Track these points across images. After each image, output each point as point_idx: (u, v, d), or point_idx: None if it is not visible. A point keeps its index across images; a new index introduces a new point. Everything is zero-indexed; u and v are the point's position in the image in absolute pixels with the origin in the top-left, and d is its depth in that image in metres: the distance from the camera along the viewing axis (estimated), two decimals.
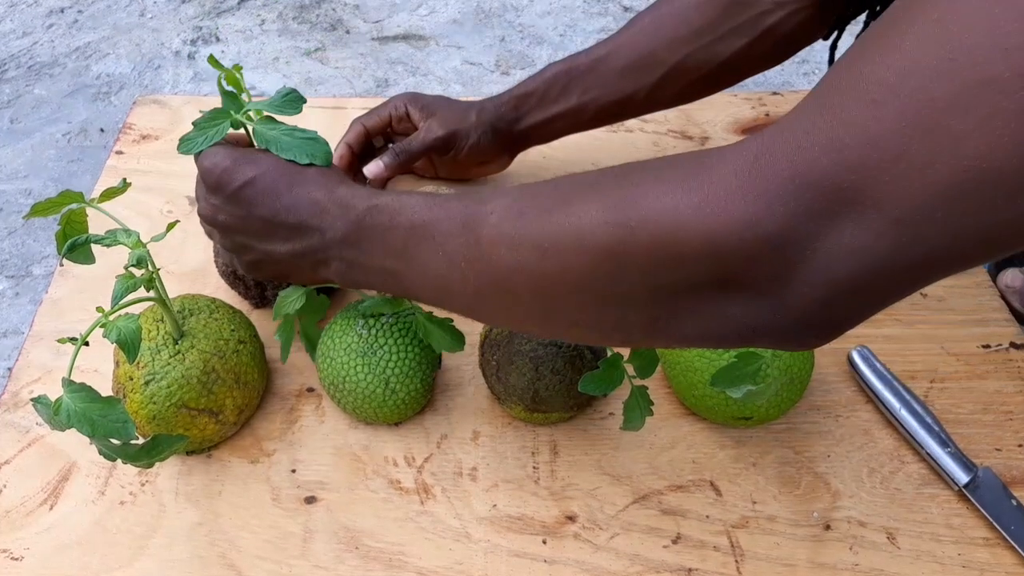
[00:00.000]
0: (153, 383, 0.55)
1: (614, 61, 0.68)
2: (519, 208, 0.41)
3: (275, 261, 0.53)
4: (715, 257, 0.34)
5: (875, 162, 0.30)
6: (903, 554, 0.56)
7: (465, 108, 0.71)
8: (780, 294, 0.33)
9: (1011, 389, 0.64)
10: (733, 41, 0.65)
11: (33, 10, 2.28)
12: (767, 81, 2.00)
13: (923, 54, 0.29)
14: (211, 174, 0.53)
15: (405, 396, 0.59)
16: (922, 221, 0.30)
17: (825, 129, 0.31)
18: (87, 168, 1.85)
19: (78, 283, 0.72)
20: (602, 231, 0.37)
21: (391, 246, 0.47)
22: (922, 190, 0.29)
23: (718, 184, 0.33)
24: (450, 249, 0.44)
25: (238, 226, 0.53)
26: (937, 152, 0.28)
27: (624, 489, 0.59)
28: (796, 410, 0.63)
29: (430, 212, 0.45)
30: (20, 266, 1.67)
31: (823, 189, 0.31)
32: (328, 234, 0.50)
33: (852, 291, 0.32)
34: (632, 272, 0.36)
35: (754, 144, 0.34)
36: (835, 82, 0.32)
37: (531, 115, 0.71)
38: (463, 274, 0.43)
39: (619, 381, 0.54)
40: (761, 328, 0.35)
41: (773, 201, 0.32)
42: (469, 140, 0.70)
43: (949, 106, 0.28)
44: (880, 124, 0.30)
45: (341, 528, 0.57)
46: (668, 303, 0.37)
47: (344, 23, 2.24)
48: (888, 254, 0.31)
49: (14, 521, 0.58)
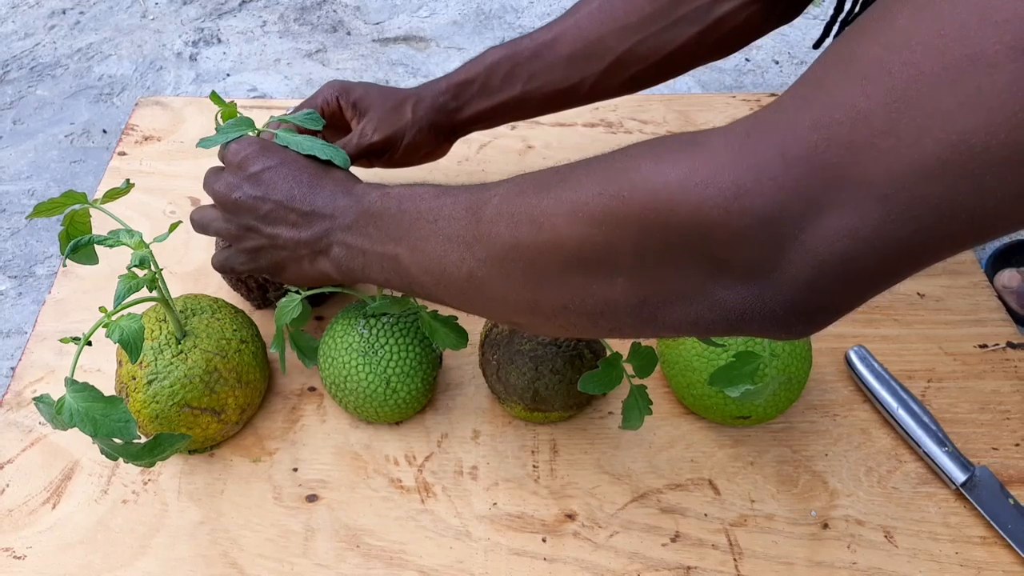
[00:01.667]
0: (156, 382, 0.56)
1: (560, 48, 0.65)
2: (520, 188, 0.42)
3: (276, 248, 0.53)
4: (702, 230, 0.33)
5: (863, 138, 0.29)
6: (900, 552, 0.56)
7: (399, 103, 0.67)
8: (769, 276, 0.33)
9: (1008, 389, 0.64)
10: (683, 30, 0.63)
11: (35, 11, 2.28)
12: (766, 83, 2.00)
13: (914, 31, 0.29)
14: (237, 154, 0.54)
15: (406, 395, 0.59)
16: (909, 199, 0.29)
17: (816, 106, 0.31)
18: (90, 169, 1.86)
19: (81, 283, 0.73)
20: (595, 201, 0.37)
21: (395, 231, 0.48)
22: (909, 166, 0.29)
23: (708, 156, 0.34)
24: (451, 232, 0.44)
25: (250, 206, 0.53)
26: (925, 128, 0.28)
27: (623, 488, 0.59)
28: (794, 409, 0.63)
29: (437, 199, 0.46)
30: (23, 266, 1.67)
31: (812, 165, 0.31)
32: (338, 220, 0.51)
33: (840, 273, 0.32)
34: (622, 244, 0.36)
35: (747, 121, 0.34)
36: (829, 61, 0.32)
37: (472, 104, 0.67)
38: (459, 256, 0.44)
39: (618, 380, 0.54)
40: (749, 313, 0.35)
41: (761, 175, 0.32)
42: (405, 140, 0.66)
43: (937, 81, 0.28)
44: (869, 100, 0.29)
45: (342, 527, 0.58)
46: (656, 283, 0.37)
47: (345, 24, 2.25)
48: (875, 234, 0.30)
49: (17, 520, 0.58)
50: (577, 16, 0.65)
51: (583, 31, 0.65)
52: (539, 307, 0.42)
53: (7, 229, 1.76)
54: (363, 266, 0.50)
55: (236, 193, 0.53)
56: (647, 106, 0.88)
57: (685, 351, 0.60)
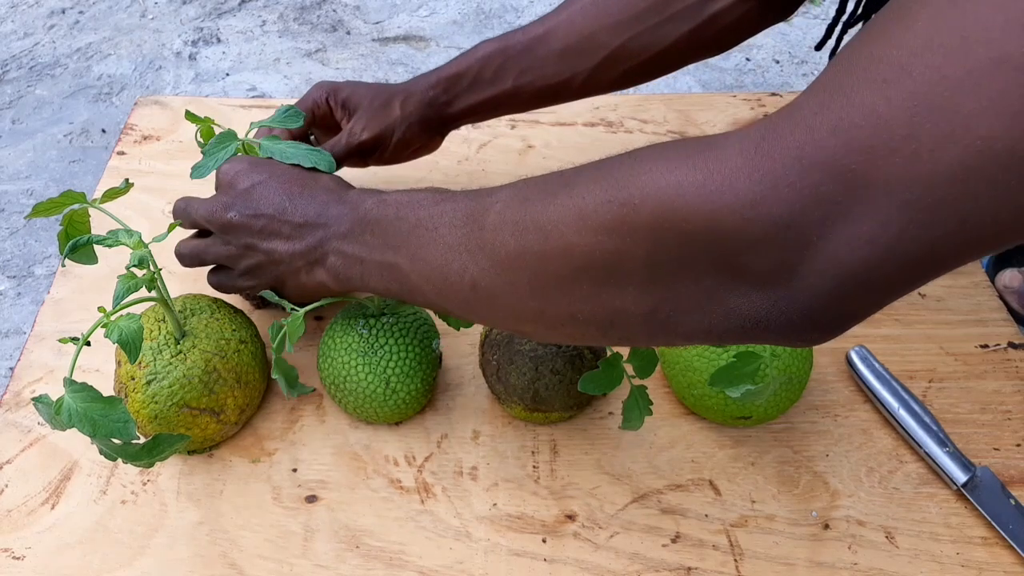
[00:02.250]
0: (155, 383, 0.56)
1: (552, 42, 0.64)
2: (524, 194, 0.41)
3: (274, 262, 0.53)
4: (718, 238, 0.33)
5: (884, 143, 0.29)
6: (902, 553, 0.56)
7: (387, 100, 0.66)
8: (787, 284, 0.32)
9: (1009, 389, 0.64)
10: (677, 26, 0.63)
11: (34, 11, 2.28)
12: (766, 82, 2.00)
13: (935, 33, 0.28)
14: (227, 175, 0.55)
15: (406, 396, 0.59)
16: (932, 205, 0.29)
17: (834, 110, 0.30)
18: (89, 169, 1.86)
19: (80, 283, 0.72)
20: (605, 209, 0.36)
21: (394, 239, 0.47)
22: (932, 172, 0.28)
23: (723, 163, 0.33)
24: (452, 240, 0.43)
25: (245, 224, 0.53)
26: (948, 132, 0.28)
27: (624, 488, 0.59)
28: (795, 410, 0.63)
29: (437, 206, 0.45)
30: (22, 266, 1.67)
31: (831, 171, 0.30)
32: (332, 228, 0.50)
33: (861, 281, 0.31)
34: (633, 253, 0.35)
35: (761, 126, 0.33)
36: (845, 65, 0.32)
37: (463, 98, 0.67)
38: (462, 265, 0.43)
39: (618, 381, 0.54)
40: (765, 321, 0.34)
41: (779, 181, 0.31)
42: (395, 136, 0.66)
43: (961, 85, 0.27)
44: (890, 104, 0.29)
45: (342, 527, 0.58)
46: (668, 291, 0.36)
47: (345, 24, 2.24)
48: (897, 240, 0.30)
49: (16, 520, 0.58)
50: (570, 11, 0.65)
51: (576, 26, 0.64)
52: (546, 316, 0.41)
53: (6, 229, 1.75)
54: (361, 275, 0.50)
55: (230, 213, 0.53)
56: (647, 106, 0.87)
57: (685, 351, 0.59)
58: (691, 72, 2.00)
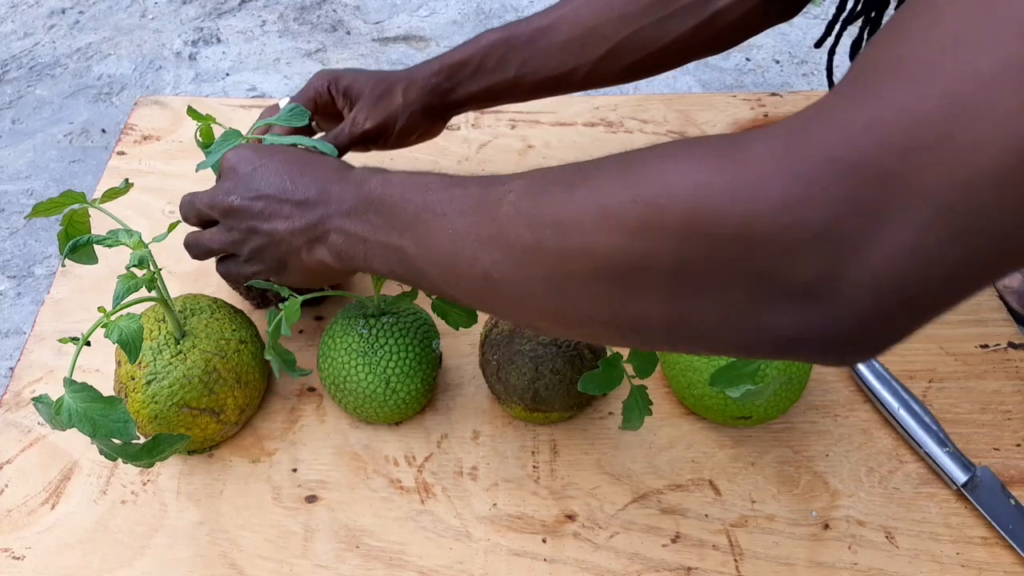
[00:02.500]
0: (155, 383, 0.56)
1: (556, 34, 0.64)
2: (540, 186, 0.39)
3: (275, 243, 0.52)
4: (750, 244, 0.30)
5: (919, 144, 0.27)
6: (902, 553, 0.56)
7: (389, 87, 0.66)
8: (824, 298, 0.30)
9: (1009, 389, 0.64)
10: (680, 22, 0.62)
11: (34, 11, 2.28)
12: (766, 82, 2.00)
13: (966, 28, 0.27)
14: (229, 161, 0.54)
15: (406, 396, 0.59)
16: (972, 210, 0.27)
17: (866, 109, 0.29)
18: (89, 169, 1.86)
19: (80, 283, 0.72)
20: (628, 208, 0.33)
21: (399, 221, 0.46)
22: (971, 175, 0.27)
23: (753, 164, 0.31)
24: (461, 228, 0.42)
25: (247, 207, 0.52)
26: (986, 132, 0.26)
27: (623, 488, 0.59)
28: (795, 410, 0.63)
29: (445, 191, 0.44)
30: (22, 266, 1.67)
31: (865, 173, 0.28)
32: (334, 206, 0.49)
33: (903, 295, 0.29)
34: (659, 257, 0.33)
35: (786, 125, 0.31)
36: (871, 64, 0.30)
37: (465, 85, 0.67)
38: (473, 254, 0.41)
39: (618, 381, 0.54)
40: (800, 339, 0.32)
41: (812, 184, 0.29)
42: (398, 124, 0.66)
43: (997, 81, 0.26)
44: (923, 103, 0.27)
45: (342, 527, 0.58)
46: (695, 300, 0.33)
47: (345, 24, 2.24)
48: (939, 250, 0.28)
49: (16, 520, 0.58)
50: (575, 3, 0.65)
51: (580, 18, 0.64)
52: (563, 315, 0.39)
53: (6, 229, 1.76)
54: (364, 255, 0.48)
55: (231, 197, 0.53)
56: (647, 106, 0.88)
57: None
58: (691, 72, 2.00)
